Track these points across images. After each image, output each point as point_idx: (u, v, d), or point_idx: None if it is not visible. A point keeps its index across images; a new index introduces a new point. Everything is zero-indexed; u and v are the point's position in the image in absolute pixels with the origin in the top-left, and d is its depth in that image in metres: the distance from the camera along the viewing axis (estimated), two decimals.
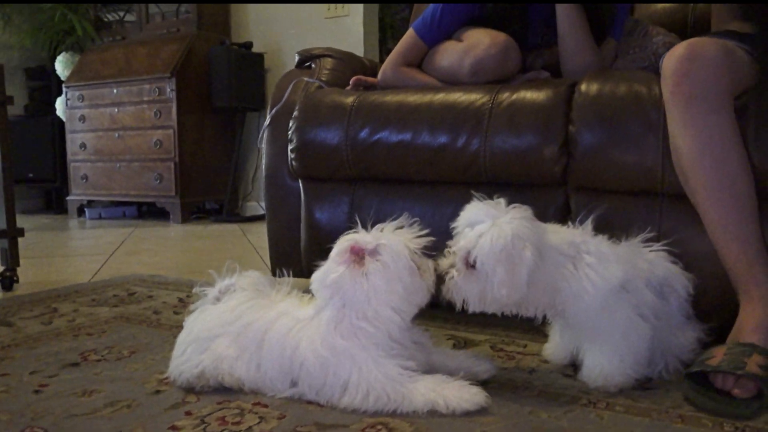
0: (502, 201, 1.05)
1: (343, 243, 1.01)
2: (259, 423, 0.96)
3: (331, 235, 1.07)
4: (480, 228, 1.02)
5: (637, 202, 1.31)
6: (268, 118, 1.79)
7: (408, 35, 1.68)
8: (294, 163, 1.70)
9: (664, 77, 1.15)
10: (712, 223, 1.13)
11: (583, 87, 1.36)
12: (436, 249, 1.06)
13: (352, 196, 1.66)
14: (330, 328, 0.99)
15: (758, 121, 1.15)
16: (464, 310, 1.05)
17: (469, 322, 1.50)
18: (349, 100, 1.63)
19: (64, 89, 4.46)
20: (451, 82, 1.60)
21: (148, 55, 4.16)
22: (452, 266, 1.04)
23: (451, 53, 1.59)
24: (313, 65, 1.88)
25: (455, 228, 1.07)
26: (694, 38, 1.16)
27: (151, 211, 4.56)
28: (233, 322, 1.11)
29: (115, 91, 4.22)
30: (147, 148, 4.11)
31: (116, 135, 4.23)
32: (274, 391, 1.05)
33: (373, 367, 0.97)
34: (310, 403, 1.02)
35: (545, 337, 1.27)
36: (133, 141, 4.17)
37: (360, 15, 3.88)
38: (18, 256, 2.06)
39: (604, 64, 1.62)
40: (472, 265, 1.01)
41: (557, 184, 1.41)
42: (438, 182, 1.55)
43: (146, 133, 4.11)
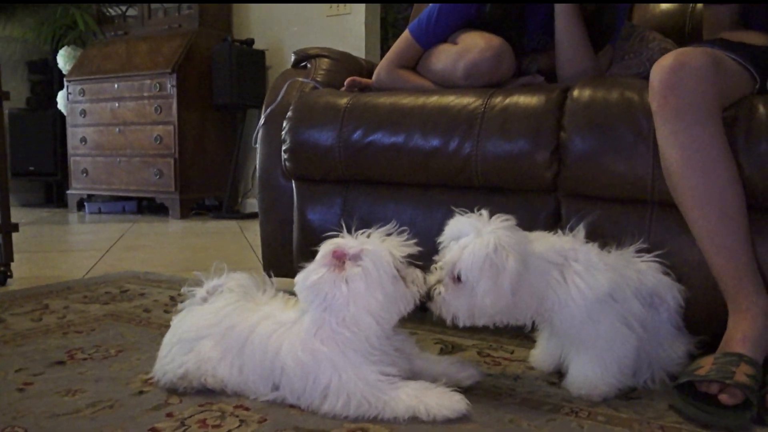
0: (485, 212, 1.04)
1: (326, 246, 1.01)
2: (240, 426, 0.96)
3: (324, 237, 1.06)
4: (464, 241, 1.01)
5: (628, 210, 1.30)
6: (263, 118, 1.79)
7: (403, 37, 1.67)
8: (287, 164, 1.69)
9: (651, 88, 1.14)
10: (701, 235, 1.13)
11: (576, 93, 1.35)
12: (428, 253, 1.05)
13: (344, 198, 1.65)
14: (310, 333, 0.99)
15: (749, 132, 1.13)
16: (455, 325, 1.05)
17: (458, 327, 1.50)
18: (343, 101, 1.63)
19: (66, 83, 4.47)
20: (446, 84, 1.59)
21: (149, 50, 4.17)
22: (439, 281, 1.03)
23: (446, 56, 1.58)
24: (309, 65, 1.88)
25: (441, 243, 1.06)
26: (682, 48, 1.15)
27: (151, 207, 4.57)
28: (218, 324, 1.11)
29: (116, 86, 4.22)
30: (147, 144, 4.12)
31: (117, 130, 4.24)
32: (256, 394, 1.05)
33: (353, 373, 0.96)
34: (292, 407, 1.02)
35: (533, 343, 1.26)
36: (133, 136, 4.18)
37: (362, 14, 3.87)
38: (12, 252, 2.06)
39: (601, 71, 1.61)
40: (458, 279, 1.01)
41: (548, 191, 1.40)
42: (430, 186, 1.54)
43: (147, 129, 4.12)
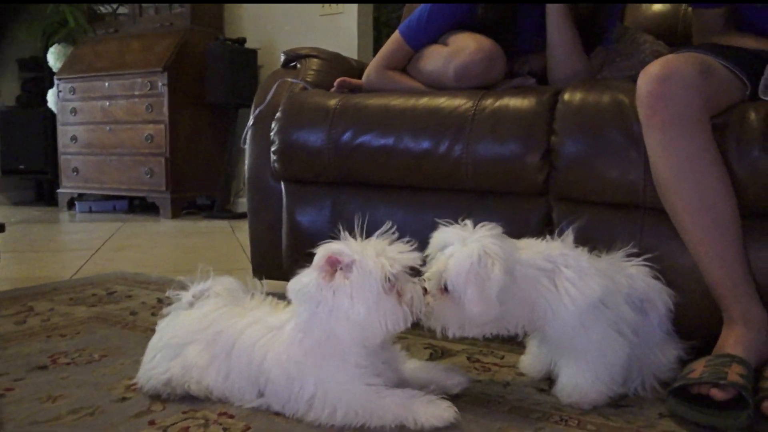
0: (469, 222, 1.03)
1: (324, 250, 0.95)
2: None
3: (313, 239, 1.02)
4: (449, 251, 1.00)
5: (619, 215, 1.29)
6: (252, 119, 1.77)
7: (393, 38, 1.66)
8: (276, 165, 1.67)
9: (638, 97, 1.12)
10: (694, 244, 1.12)
11: (567, 96, 1.34)
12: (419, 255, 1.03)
13: (334, 200, 1.64)
14: (296, 341, 0.97)
15: (740, 138, 1.12)
16: (445, 337, 1.03)
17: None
18: (333, 102, 1.61)
19: (56, 81, 4.43)
20: (436, 86, 1.58)
21: (141, 48, 4.13)
22: (428, 293, 1.01)
23: (437, 57, 1.56)
24: (299, 65, 1.86)
25: (428, 255, 1.04)
26: (669, 56, 1.13)
27: (142, 206, 4.54)
28: (205, 329, 1.09)
29: (107, 84, 4.19)
30: (138, 143, 4.08)
31: (108, 128, 4.20)
32: (241, 401, 1.03)
33: (337, 384, 0.94)
34: (277, 414, 1.00)
35: (523, 349, 1.25)
36: (124, 135, 4.14)
37: (354, 13, 3.85)
38: None
39: (593, 73, 1.60)
40: (446, 289, 0.99)
41: (539, 194, 1.39)
42: (421, 188, 1.52)
43: (138, 128, 4.08)
